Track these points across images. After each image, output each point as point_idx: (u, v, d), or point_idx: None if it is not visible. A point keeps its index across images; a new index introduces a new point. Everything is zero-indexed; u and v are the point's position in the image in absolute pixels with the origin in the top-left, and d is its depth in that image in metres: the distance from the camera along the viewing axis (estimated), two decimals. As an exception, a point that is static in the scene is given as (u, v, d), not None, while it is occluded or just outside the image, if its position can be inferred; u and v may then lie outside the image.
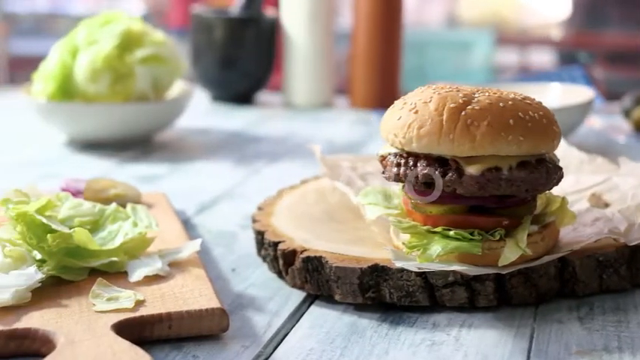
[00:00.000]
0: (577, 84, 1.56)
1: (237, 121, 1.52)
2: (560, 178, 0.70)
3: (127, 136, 1.26)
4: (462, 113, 0.66)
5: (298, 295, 0.73)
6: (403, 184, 0.72)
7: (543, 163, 0.68)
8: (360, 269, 0.69)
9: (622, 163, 0.89)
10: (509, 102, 0.67)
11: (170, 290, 0.67)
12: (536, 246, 0.69)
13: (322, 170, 0.89)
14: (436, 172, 0.67)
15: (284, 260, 0.73)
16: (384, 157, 0.72)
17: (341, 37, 1.81)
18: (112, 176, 1.08)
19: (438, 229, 0.68)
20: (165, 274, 0.70)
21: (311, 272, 0.71)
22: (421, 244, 0.67)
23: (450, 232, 0.67)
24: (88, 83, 1.22)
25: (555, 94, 1.29)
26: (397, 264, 0.66)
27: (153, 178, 1.11)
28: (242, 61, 1.61)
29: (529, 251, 0.67)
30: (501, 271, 0.66)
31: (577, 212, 0.76)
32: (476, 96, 0.68)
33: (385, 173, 0.72)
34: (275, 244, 0.74)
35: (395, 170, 0.70)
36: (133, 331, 0.61)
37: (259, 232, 0.78)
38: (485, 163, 0.66)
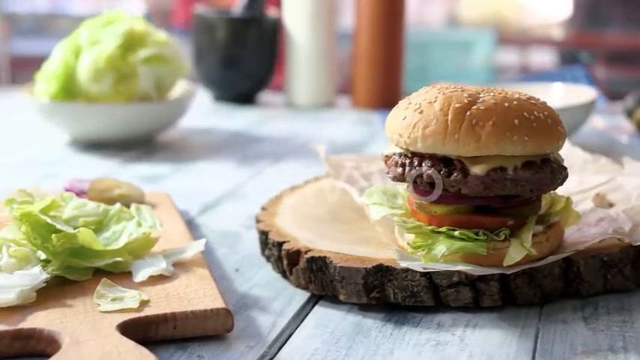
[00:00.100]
0: (579, 84, 1.56)
1: (240, 121, 1.52)
2: (564, 178, 0.70)
3: (130, 136, 1.26)
4: (467, 113, 0.66)
5: (302, 295, 0.73)
6: (408, 184, 0.72)
7: (548, 163, 0.68)
8: (364, 269, 0.68)
9: (626, 163, 0.89)
10: (514, 102, 0.67)
11: (175, 290, 0.67)
12: (541, 246, 0.69)
13: (326, 170, 0.89)
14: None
15: (288, 260, 0.73)
16: (389, 157, 0.72)
17: (343, 37, 1.81)
18: (114, 176, 1.08)
19: (443, 229, 0.67)
20: (169, 275, 0.70)
21: (315, 272, 0.71)
22: (426, 244, 0.67)
23: (455, 232, 0.67)
24: (90, 83, 1.22)
25: (558, 94, 1.29)
26: (402, 264, 0.66)
27: (156, 178, 1.11)
28: (244, 61, 1.61)
29: (534, 251, 0.67)
30: (506, 271, 0.66)
31: (581, 212, 0.76)
32: (481, 96, 0.68)
33: (389, 173, 0.72)
34: (279, 244, 0.74)
35: (399, 170, 0.70)
36: (137, 331, 0.61)
37: (263, 232, 0.78)
38: (490, 163, 0.66)
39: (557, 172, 0.69)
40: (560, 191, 0.74)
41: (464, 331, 0.66)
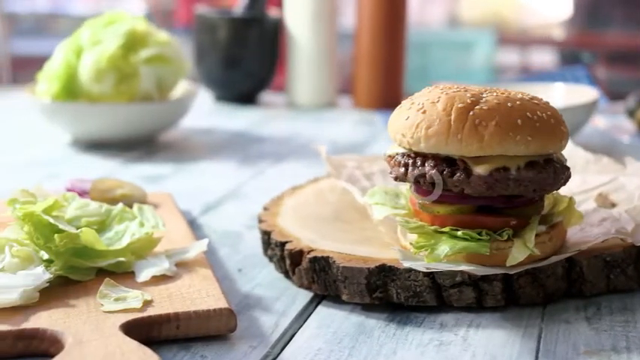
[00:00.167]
0: (581, 84, 1.56)
1: (241, 121, 1.52)
2: (567, 178, 0.70)
3: (132, 136, 1.26)
4: (470, 113, 0.66)
5: (305, 295, 0.73)
6: (410, 184, 0.72)
7: (551, 163, 0.68)
8: (367, 269, 0.68)
9: (628, 163, 0.89)
10: (517, 102, 0.67)
11: (177, 290, 0.67)
12: (544, 246, 0.69)
13: (328, 170, 0.89)
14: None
15: (291, 260, 0.73)
16: (392, 157, 0.72)
17: (344, 37, 1.81)
18: (116, 176, 1.08)
19: (446, 229, 0.67)
20: (172, 275, 0.70)
21: (318, 272, 0.71)
22: (429, 244, 0.67)
23: (458, 233, 0.67)
24: (92, 83, 1.22)
25: (560, 94, 1.29)
26: (405, 264, 0.66)
27: (157, 178, 1.11)
28: (245, 62, 1.61)
29: (537, 251, 0.67)
30: (509, 271, 0.66)
31: (584, 212, 0.76)
32: (484, 96, 0.68)
33: (392, 173, 0.72)
34: (282, 245, 0.74)
35: (402, 170, 0.70)
36: (141, 331, 0.61)
37: (266, 232, 0.78)
38: (493, 163, 0.66)
39: (560, 172, 0.69)
40: (562, 191, 0.74)
41: (467, 331, 0.66)
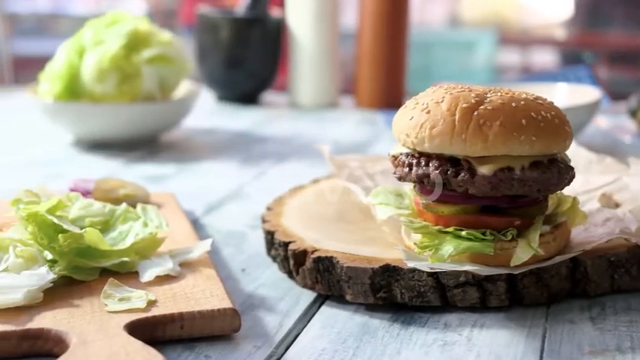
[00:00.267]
0: (583, 84, 1.56)
1: (243, 121, 1.52)
2: (571, 179, 0.70)
3: (134, 136, 1.26)
4: (475, 113, 0.66)
5: (309, 295, 0.73)
6: (414, 184, 0.72)
7: (555, 163, 0.68)
8: (371, 269, 0.68)
9: (632, 163, 0.89)
10: (521, 102, 0.67)
11: (181, 290, 0.67)
12: (548, 246, 0.69)
13: (331, 170, 0.89)
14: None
15: (295, 260, 0.73)
16: (396, 157, 0.72)
17: (346, 36, 1.81)
18: (119, 176, 1.08)
19: (450, 229, 0.67)
20: (176, 274, 0.70)
21: (322, 272, 0.71)
22: (433, 244, 0.67)
23: (462, 233, 0.67)
24: (94, 83, 1.22)
25: (562, 94, 1.29)
26: (409, 264, 0.66)
27: (160, 178, 1.11)
28: (247, 62, 1.61)
29: (541, 251, 0.67)
30: (513, 271, 0.66)
31: (588, 212, 0.76)
32: (488, 96, 0.68)
33: (396, 173, 0.72)
34: (285, 245, 0.74)
35: (406, 170, 0.70)
36: (145, 331, 0.61)
37: (269, 232, 0.78)
38: (497, 163, 0.66)
39: (565, 172, 0.69)
40: (566, 191, 0.74)
41: (471, 331, 0.66)
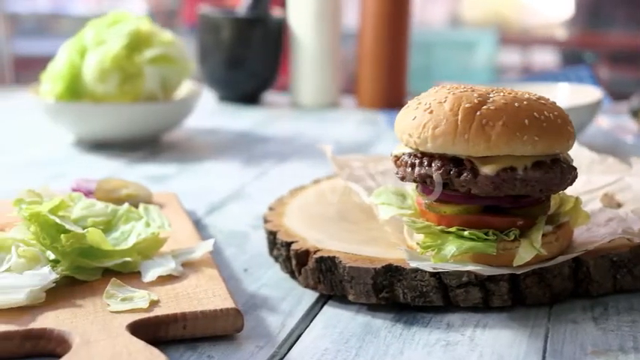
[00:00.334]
0: (584, 84, 1.56)
1: (245, 121, 1.52)
2: (574, 179, 0.70)
3: (136, 136, 1.26)
4: (477, 113, 0.66)
5: (311, 295, 0.73)
6: (417, 184, 0.72)
7: (558, 163, 0.68)
8: (373, 269, 0.68)
9: (634, 163, 0.89)
10: (524, 102, 0.67)
11: (184, 290, 0.67)
12: (551, 246, 0.69)
13: (333, 170, 0.89)
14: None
15: (297, 260, 0.73)
16: (398, 157, 0.72)
17: (348, 36, 1.81)
18: (120, 176, 1.08)
19: (453, 229, 0.67)
20: (178, 275, 0.70)
21: (324, 272, 0.71)
22: (435, 244, 0.67)
23: (465, 233, 0.67)
24: (96, 83, 1.22)
25: (563, 94, 1.29)
26: (411, 264, 0.66)
27: (162, 178, 1.11)
28: (249, 62, 1.61)
29: (543, 251, 0.67)
30: (516, 271, 0.66)
31: (590, 212, 0.76)
32: (491, 96, 0.68)
33: (399, 173, 0.72)
34: (288, 245, 0.74)
35: (409, 170, 0.70)
36: (147, 331, 0.61)
37: (271, 233, 0.78)
38: (500, 163, 0.66)
39: (567, 172, 0.69)
40: (568, 191, 0.74)
41: (473, 331, 0.66)
